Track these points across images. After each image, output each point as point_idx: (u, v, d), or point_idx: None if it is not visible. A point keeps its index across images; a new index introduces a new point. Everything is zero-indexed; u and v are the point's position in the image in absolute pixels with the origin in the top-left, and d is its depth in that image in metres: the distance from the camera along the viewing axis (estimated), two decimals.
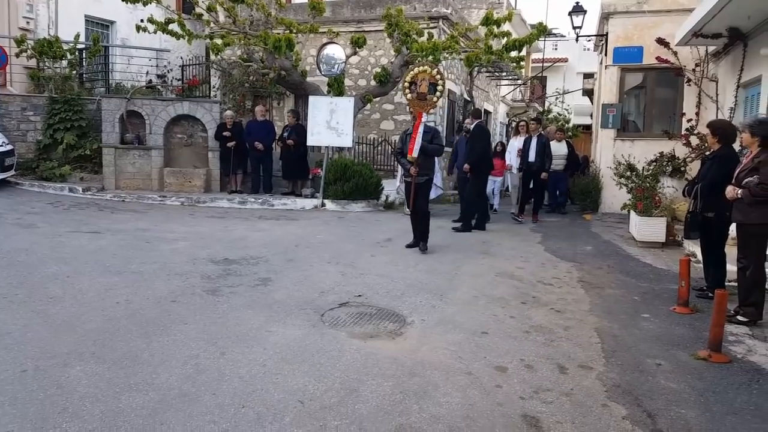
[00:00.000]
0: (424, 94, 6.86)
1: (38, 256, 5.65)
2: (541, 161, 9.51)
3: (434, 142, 6.78)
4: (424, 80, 6.85)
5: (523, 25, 20.39)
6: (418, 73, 6.90)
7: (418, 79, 6.88)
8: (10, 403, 2.76)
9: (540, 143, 9.56)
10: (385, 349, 3.70)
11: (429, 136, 6.72)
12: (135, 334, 3.73)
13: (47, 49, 12.00)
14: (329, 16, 12.60)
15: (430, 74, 6.85)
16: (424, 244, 6.79)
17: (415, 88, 6.90)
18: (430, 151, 6.75)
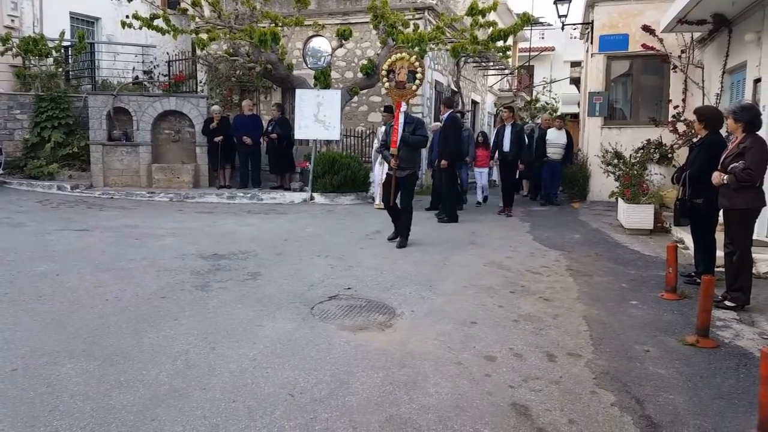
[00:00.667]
0: (402, 82, 6.53)
1: (27, 254, 5.62)
2: (517, 150, 9.27)
3: (417, 133, 6.45)
4: (403, 68, 6.52)
5: (510, 14, 20.34)
6: (396, 61, 6.57)
7: (396, 67, 6.56)
8: (0, 403, 2.75)
9: (514, 132, 9.31)
10: (375, 340, 3.72)
11: (412, 127, 6.42)
12: (125, 331, 3.73)
13: (32, 47, 11.86)
14: (315, 9, 12.52)
15: (408, 61, 6.52)
16: (402, 239, 6.49)
17: (393, 76, 6.57)
18: (412, 142, 6.43)
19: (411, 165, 6.48)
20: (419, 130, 6.47)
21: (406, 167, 6.40)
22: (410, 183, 6.54)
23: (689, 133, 9.03)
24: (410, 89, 6.59)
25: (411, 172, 6.47)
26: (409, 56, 6.52)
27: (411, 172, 6.47)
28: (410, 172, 6.46)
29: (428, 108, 13.26)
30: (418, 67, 6.53)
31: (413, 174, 6.54)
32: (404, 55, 6.56)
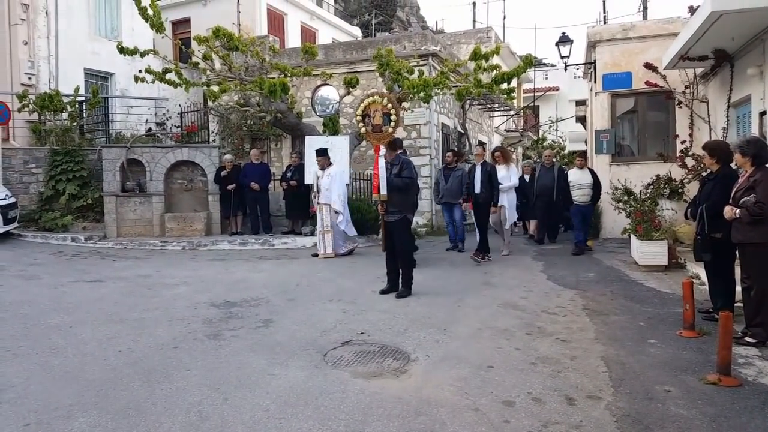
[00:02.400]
0: (379, 125, 6.39)
1: (41, 307, 5.65)
2: (488, 192, 8.54)
3: (403, 175, 6.16)
4: (377, 111, 6.38)
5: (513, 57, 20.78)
6: (369, 105, 6.42)
7: (370, 111, 6.42)
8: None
9: (484, 172, 8.61)
10: (390, 387, 3.66)
11: (397, 168, 6.18)
12: (138, 383, 3.70)
13: (48, 102, 12.25)
14: (322, 59, 12.88)
15: (381, 104, 6.36)
16: (405, 289, 6.14)
17: (369, 120, 6.44)
18: (396, 184, 6.13)
19: (400, 209, 6.17)
20: (405, 171, 6.19)
21: (395, 211, 6.15)
22: (402, 227, 6.25)
23: (698, 168, 9.02)
24: (387, 132, 6.40)
25: (401, 216, 6.18)
26: (381, 98, 6.37)
27: (401, 217, 6.18)
28: (400, 216, 6.17)
29: (435, 150, 13.41)
30: (391, 108, 6.38)
31: (404, 218, 6.23)
32: (376, 98, 6.41)
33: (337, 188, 9.09)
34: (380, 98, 6.36)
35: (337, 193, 9.07)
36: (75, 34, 14.88)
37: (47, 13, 14.27)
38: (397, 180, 6.13)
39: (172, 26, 19.29)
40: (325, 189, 9.06)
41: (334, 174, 9.14)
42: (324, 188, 9.07)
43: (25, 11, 13.82)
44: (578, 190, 9.36)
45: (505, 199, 8.95)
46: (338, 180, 9.17)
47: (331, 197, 9.05)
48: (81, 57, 15.03)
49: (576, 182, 9.41)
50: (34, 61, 13.95)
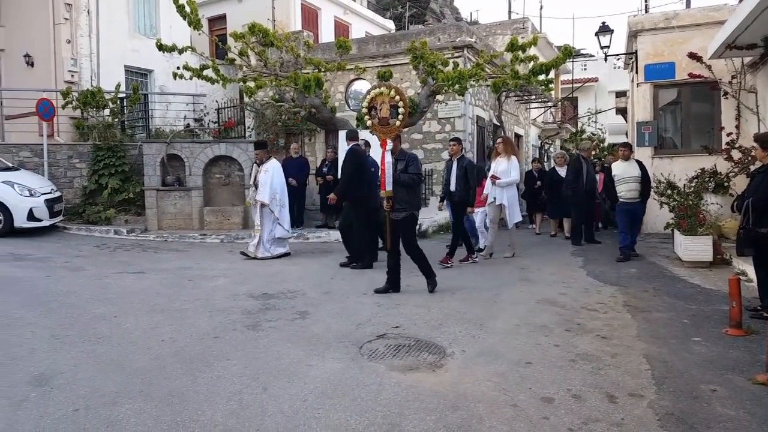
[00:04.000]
0: (386, 118, 5.96)
1: (86, 297, 5.84)
2: (464, 190, 7.73)
3: (410, 170, 5.96)
4: (384, 103, 5.96)
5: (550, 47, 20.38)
6: (376, 97, 6.01)
7: (377, 103, 6.01)
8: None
9: (460, 167, 7.76)
10: (426, 381, 3.66)
11: (404, 164, 5.98)
12: (180, 372, 3.80)
13: (90, 99, 12.62)
14: (356, 53, 12.87)
15: (388, 96, 5.94)
16: (431, 281, 6.08)
17: (375, 113, 6.03)
18: (404, 181, 5.91)
19: (407, 206, 5.98)
20: (412, 167, 6.01)
21: (402, 209, 5.95)
22: (409, 226, 6.07)
23: (746, 161, 8.69)
24: (394, 125, 5.98)
25: (408, 213, 5.98)
26: (388, 90, 5.96)
27: (408, 214, 5.98)
28: (407, 213, 5.98)
29: (470, 143, 13.28)
30: (399, 101, 5.93)
31: (411, 216, 6.03)
32: (383, 90, 5.99)
33: (272, 185, 8.31)
34: (388, 90, 5.96)
35: (271, 190, 8.30)
36: (115, 33, 15.26)
37: (89, 12, 14.66)
38: (405, 176, 5.93)
39: (209, 23, 19.59)
40: (261, 185, 8.31)
41: (271, 169, 8.42)
42: (260, 184, 8.32)
43: (68, 11, 14.23)
44: (624, 185, 8.15)
45: (504, 196, 8.19)
46: (275, 175, 8.41)
47: (264, 194, 8.28)
48: (121, 54, 15.42)
49: (621, 176, 8.20)
50: (76, 59, 14.38)
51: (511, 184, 8.30)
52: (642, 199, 8.28)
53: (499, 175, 8.15)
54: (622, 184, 8.19)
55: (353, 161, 7.67)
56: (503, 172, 8.17)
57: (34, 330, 4.65)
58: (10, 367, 3.82)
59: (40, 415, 3.12)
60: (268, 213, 8.36)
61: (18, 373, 3.71)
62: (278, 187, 8.44)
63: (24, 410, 3.18)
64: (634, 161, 8.51)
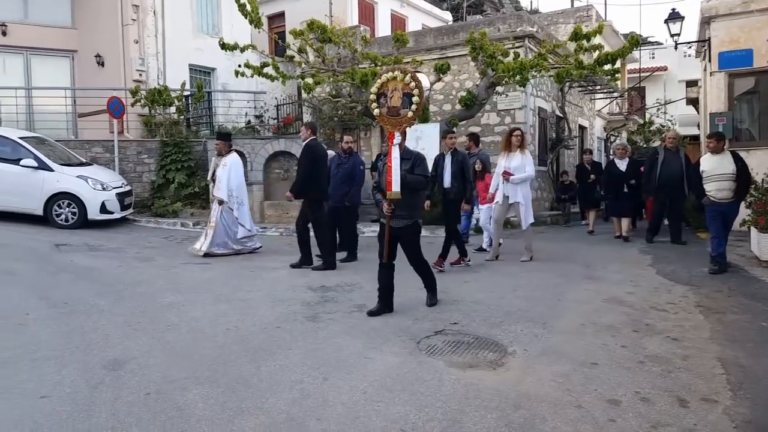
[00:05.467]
0: (396, 108, 5.09)
1: (156, 286, 6.11)
2: (460, 187, 7.11)
3: (416, 172, 5.06)
4: (396, 90, 5.13)
5: (616, 36, 19.60)
6: (387, 82, 5.18)
7: (387, 90, 5.18)
8: (136, 424, 2.97)
9: (455, 161, 7.15)
10: (487, 379, 3.61)
11: (409, 164, 5.05)
12: (244, 360, 3.91)
13: (157, 97, 13.19)
14: (412, 46, 12.82)
15: (402, 82, 5.13)
16: (432, 295, 5.36)
17: (385, 101, 5.18)
18: (411, 183, 4.99)
19: (410, 212, 5.05)
20: (418, 168, 5.10)
21: (404, 215, 5.00)
22: (411, 236, 5.18)
23: None
24: (406, 116, 5.06)
25: (411, 221, 5.09)
26: (402, 75, 5.13)
27: (411, 222, 5.09)
28: (409, 221, 5.08)
29: (531, 136, 12.97)
30: (414, 88, 5.04)
31: (414, 224, 5.15)
32: (396, 74, 5.15)
33: (228, 181, 7.95)
34: (402, 74, 5.11)
35: (228, 185, 7.95)
36: (180, 32, 15.83)
37: (155, 12, 15.28)
38: (412, 177, 5.00)
39: (268, 21, 19.96)
40: (218, 180, 8.01)
41: (229, 163, 8.03)
42: (217, 179, 8.03)
43: (135, 12, 14.89)
44: (715, 182, 6.82)
45: (519, 194, 7.47)
46: (232, 170, 8.03)
47: (221, 191, 7.97)
48: (186, 53, 15.98)
49: (711, 173, 6.88)
50: (144, 59, 15.03)
51: (525, 181, 7.57)
52: (737, 198, 6.97)
53: (513, 171, 7.42)
54: (712, 182, 6.88)
55: (309, 156, 7.23)
56: (517, 168, 7.42)
57: (109, 317, 4.90)
58: (87, 352, 4.04)
59: (114, 398, 3.28)
60: (228, 211, 8.00)
61: (94, 358, 3.92)
62: (234, 184, 8.02)
63: (100, 392, 3.36)
64: (729, 154, 7.12)
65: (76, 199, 10.04)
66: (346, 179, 7.82)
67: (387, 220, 5.02)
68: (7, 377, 3.55)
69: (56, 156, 10.53)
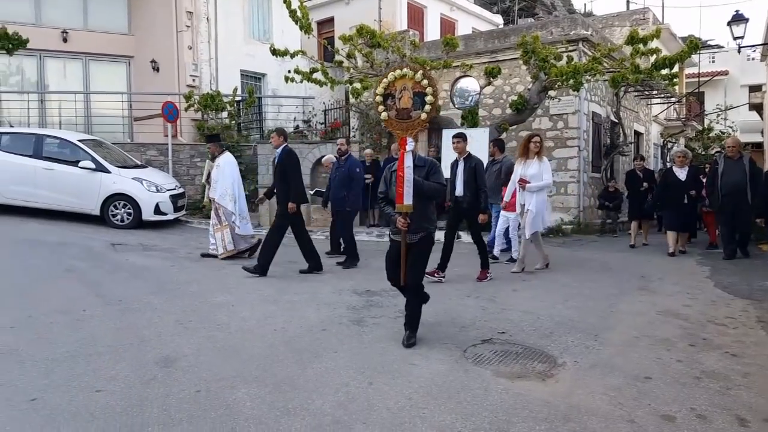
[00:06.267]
0: (407, 110, 4.54)
1: (207, 286, 6.26)
2: (473, 195, 6.62)
3: (432, 179, 4.44)
4: (406, 90, 4.56)
5: (674, 39, 18.92)
6: (396, 80, 4.59)
7: (395, 90, 4.60)
8: (187, 421, 3.04)
9: (468, 168, 6.64)
10: (535, 390, 3.53)
11: (424, 171, 4.44)
12: (291, 360, 3.96)
13: (210, 102, 13.57)
14: (462, 50, 12.73)
15: (412, 80, 4.55)
16: (411, 332, 4.40)
17: (393, 102, 4.61)
18: (427, 191, 4.38)
19: (425, 224, 4.43)
20: (434, 176, 4.48)
21: (419, 228, 4.38)
22: (425, 249, 4.50)
23: None
24: (418, 119, 4.51)
25: (425, 233, 4.44)
26: (413, 73, 4.55)
27: (426, 234, 4.45)
28: (425, 233, 4.44)
29: (585, 141, 12.65)
30: (427, 86, 4.48)
31: (429, 236, 4.48)
32: (406, 71, 4.58)
33: (224, 180, 7.94)
34: (412, 72, 4.54)
35: (223, 186, 7.94)
36: (232, 38, 16.28)
37: (208, 19, 15.76)
38: (429, 185, 4.40)
39: (317, 26, 20.25)
40: (214, 181, 8.04)
41: (222, 164, 8.02)
42: (213, 180, 8.04)
43: (189, 18, 15.39)
44: None
45: (533, 201, 7.13)
46: (227, 170, 8.00)
47: (216, 191, 8.00)
48: (237, 59, 16.40)
49: None
50: (197, 64, 15.51)
51: (542, 189, 7.25)
52: None
53: (530, 178, 7.16)
54: None
55: (294, 162, 7.19)
56: (534, 175, 7.14)
57: (161, 315, 5.06)
58: (140, 348, 4.17)
59: (166, 394, 3.37)
60: (227, 211, 8.02)
61: (147, 354, 4.05)
62: (229, 182, 7.99)
63: (152, 388, 3.46)
64: None
65: (131, 201, 10.41)
66: (344, 183, 7.81)
67: (402, 236, 4.36)
68: (65, 371, 3.71)
69: (113, 158, 10.95)
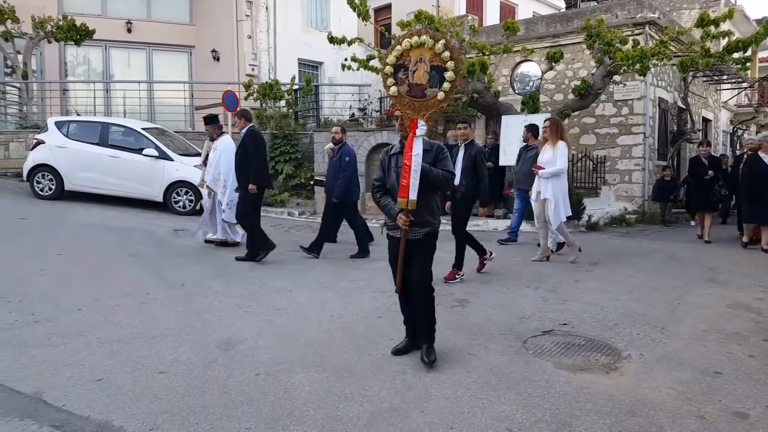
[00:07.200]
0: (421, 86, 3.69)
1: (266, 272, 6.39)
2: (471, 185, 6.17)
3: (439, 166, 3.75)
4: (422, 62, 3.69)
5: (747, 21, 17.76)
6: (411, 50, 3.70)
7: (409, 61, 3.72)
8: (247, 403, 3.10)
9: (468, 156, 6.21)
10: (599, 383, 3.40)
11: (430, 157, 3.73)
12: (348, 347, 3.97)
13: (269, 91, 13.80)
14: (523, 35, 12.40)
15: (431, 51, 3.66)
16: (428, 346, 3.74)
17: (405, 75, 3.74)
18: (433, 180, 3.67)
19: (429, 218, 3.78)
20: (442, 162, 3.78)
21: (422, 222, 3.73)
22: (430, 247, 3.84)
23: None
24: (434, 99, 3.68)
25: (430, 229, 3.79)
26: (431, 42, 3.64)
27: (430, 230, 3.79)
28: (429, 229, 3.79)
29: (651, 128, 12.10)
30: (449, 59, 3.63)
31: (433, 232, 3.82)
32: (425, 40, 3.66)
33: (217, 165, 7.57)
34: (432, 41, 3.65)
35: (216, 170, 7.57)
36: (290, 27, 16.48)
37: (267, 8, 16.00)
38: (436, 173, 3.68)
39: (374, 13, 20.22)
40: (208, 164, 7.73)
41: (219, 147, 7.64)
42: (208, 163, 7.74)
43: (249, 8, 15.68)
44: None
45: (549, 189, 6.81)
46: (222, 154, 7.60)
47: (209, 174, 7.67)
48: (295, 48, 16.60)
49: None
50: (256, 54, 15.80)
51: (556, 175, 6.86)
52: None
53: (544, 164, 6.86)
54: None
55: (256, 142, 6.97)
56: (548, 161, 6.85)
57: (221, 299, 5.18)
58: (202, 331, 4.29)
59: (227, 377, 3.45)
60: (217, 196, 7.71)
61: (208, 337, 4.15)
62: (223, 168, 7.59)
63: (213, 371, 3.54)
64: None
65: (193, 188, 10.62)
66: (336, 172, 7.71)
67: (402, 236, 3.70)
68: (130, 352, 3.84)
69: (175, 146, 11.23)
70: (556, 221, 6.82)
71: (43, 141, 10.49)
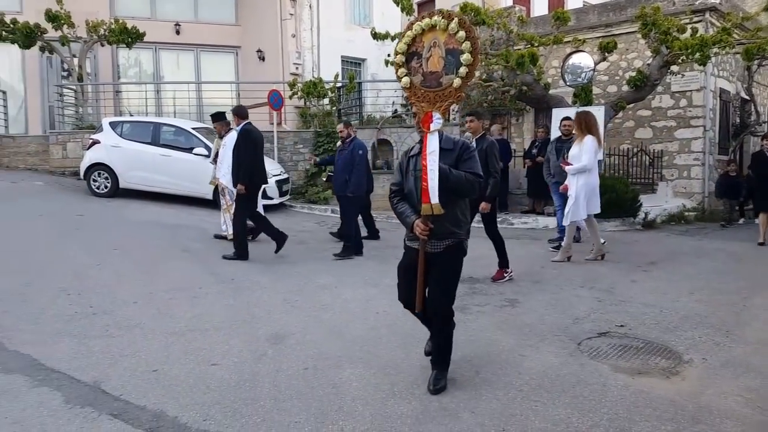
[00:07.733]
0: (436, 73, 3.25)
1: (310, 268, 6.41)
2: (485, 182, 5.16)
3: (464, 168, 3.22)
4: (436, 47, 3.25)
5: None
6: (424, 33, 3.29)
7: (422, 46, 3.31)
8: (297, 397, 3.10)
9: (479, 150, 5.47)
10: (659, 388, 3.24)
11: (453, 156, 3.24)
12: (394, 344, 3.93)
13: (312, 89, 13.86)
14: (573, 24, 12.03)
15: (445, 34, 3.21)
16: (437, 373, 3.28)
17: (419, 64, 3.32)
18: (453, 183, 3.15)
19: (452, 228, 3.26)
20: (467, 163, 3.25)
21: (443, 233, 3.22)
22: (452, 263, 3.33)
23: None
24: (450, 87, 3.23)
25: (452, 241, 3.27)
26: (445, 23, 3.20)
27: (452, 242, 3.27)
28: (451, 241, 3.26)
29: (711, 120, 11.54)
30: (464, 40, 3.14)
31: (456, 245, 3.29)
32: (436, 21, 3.23)
33: (228, 161, 7.37)
34: (445, 21, 3.20)
35: (227, 166, 7.37)
36: (333, 25, 16.52)
37: (310, 6, 16.09)
38: (457, 175, 3.16)
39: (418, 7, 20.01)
40: (219, 161, 7.66)
41: (229, 143, 7.45)
42: (219, 160, 7.67)
43: (293, 6, 15.80)
44: None
45: (573, 186, 6.58)
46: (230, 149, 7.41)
47: (220, 171, 7.59)
48: (338, 45, 16.62)
49: None
50: (300, 52, 15.92)
51: (580, 172, 6.56)
52: None
53: (571, 160, 6.64)
54: None
55: (248, 141, 6.83)
56: (574, 157, 6.63)
57: (270, 294, 5.23)
58: (252, 325, 4.33)
59: (276, 370, 3.46)
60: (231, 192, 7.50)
61: (258, 331, 4.19)
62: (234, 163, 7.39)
63: (263, 364, 3.56)
64: None
65: None
66: (347, 166, 7.60)
67: (421, 247, 3.23)
68: (184, 344, 3.91)
69: None
70: (569, 219, 6.62)
71: (98, 141, 10.85)
